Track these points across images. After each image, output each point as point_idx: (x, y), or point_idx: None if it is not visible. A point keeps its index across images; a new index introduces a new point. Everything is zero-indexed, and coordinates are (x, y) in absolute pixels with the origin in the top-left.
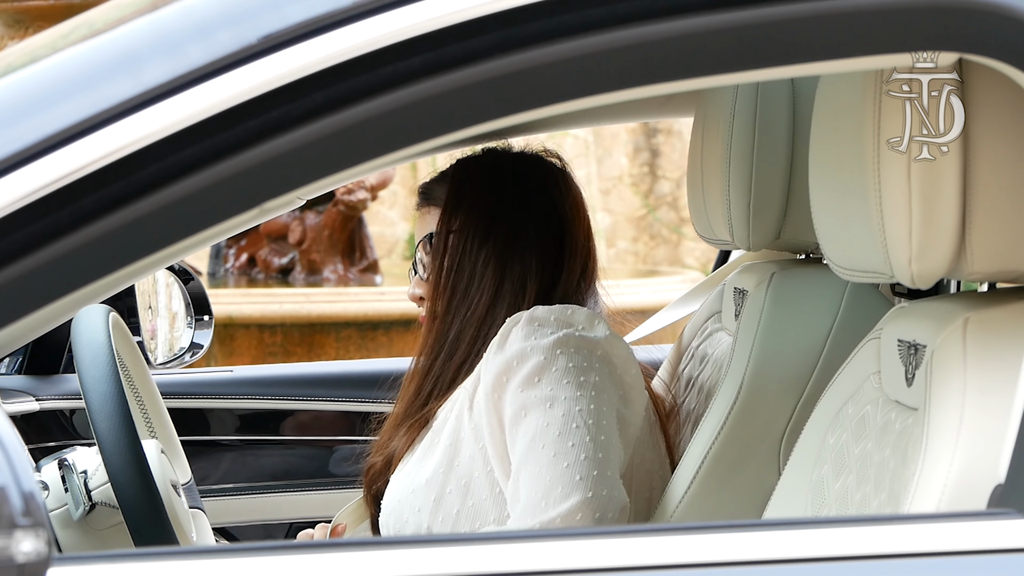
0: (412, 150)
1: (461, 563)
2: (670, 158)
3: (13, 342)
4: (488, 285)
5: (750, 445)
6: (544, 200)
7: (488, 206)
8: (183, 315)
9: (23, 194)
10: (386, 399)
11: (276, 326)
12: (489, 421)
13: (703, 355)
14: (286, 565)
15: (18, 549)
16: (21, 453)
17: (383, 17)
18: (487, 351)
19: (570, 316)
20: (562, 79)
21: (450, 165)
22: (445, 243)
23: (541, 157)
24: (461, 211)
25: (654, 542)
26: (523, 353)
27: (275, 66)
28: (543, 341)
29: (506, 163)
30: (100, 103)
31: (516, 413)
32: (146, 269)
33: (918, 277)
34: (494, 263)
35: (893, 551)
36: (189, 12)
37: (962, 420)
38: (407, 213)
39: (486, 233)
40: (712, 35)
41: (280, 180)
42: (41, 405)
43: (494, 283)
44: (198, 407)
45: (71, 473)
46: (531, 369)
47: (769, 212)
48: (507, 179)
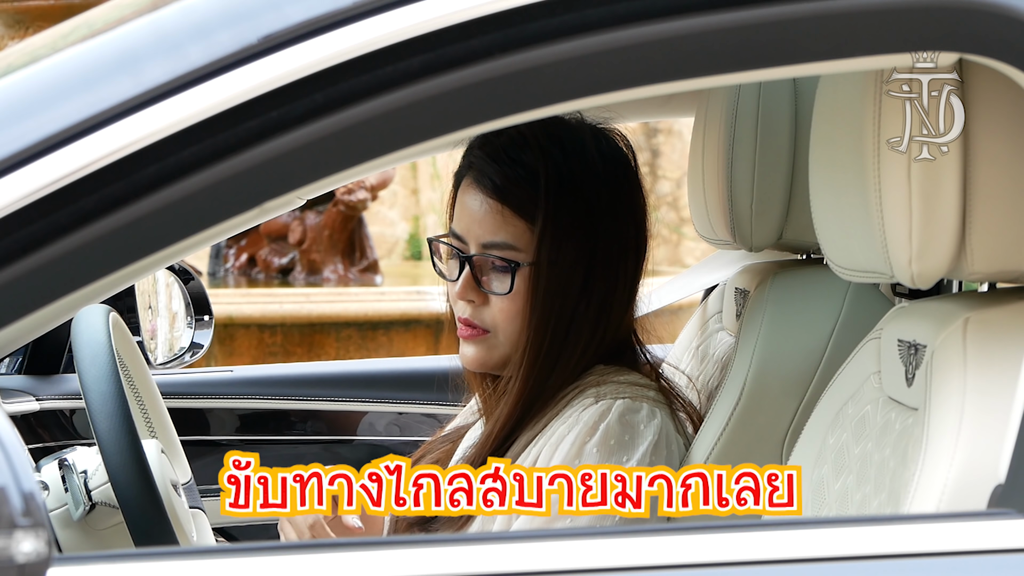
0: (412, 150)
1: (461, 563)
2: (670, 158)
3: (13, 342)
4: (588, 329)
5: (753, 446)
6: (635, 219)
7: (591, 236)
8: (183, 315)
9: (23, 194)
10: (388, 399)
11: (276, 326)
12: None
13: (704, 355)
14: (286, 565)
15: (18, 549)
16: (21, 453)
17: (383, 17)
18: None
19: (651, 422)
20: (562, 79)
21: (538, 162)
22: (541, 274)
23: (628, 158)
24: (563, 242)
25: (654, 542)
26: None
27: (275, 66)
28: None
29: (593, 155)
30: (100, 103)
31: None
32: (146, 269)
33: (918, 277)
34: (595, 306)
35: (893, 551)
36: (189, 12)
37: (962, 420)
38: (407, 213)
39: (587, 273)
40: (712, 35)
41: (280, 180)
42: (41, 405)
43: (597, 327)
44: (198, 407)
45: (71, 473)
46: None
47: (771, 212)
48: (603, 184)
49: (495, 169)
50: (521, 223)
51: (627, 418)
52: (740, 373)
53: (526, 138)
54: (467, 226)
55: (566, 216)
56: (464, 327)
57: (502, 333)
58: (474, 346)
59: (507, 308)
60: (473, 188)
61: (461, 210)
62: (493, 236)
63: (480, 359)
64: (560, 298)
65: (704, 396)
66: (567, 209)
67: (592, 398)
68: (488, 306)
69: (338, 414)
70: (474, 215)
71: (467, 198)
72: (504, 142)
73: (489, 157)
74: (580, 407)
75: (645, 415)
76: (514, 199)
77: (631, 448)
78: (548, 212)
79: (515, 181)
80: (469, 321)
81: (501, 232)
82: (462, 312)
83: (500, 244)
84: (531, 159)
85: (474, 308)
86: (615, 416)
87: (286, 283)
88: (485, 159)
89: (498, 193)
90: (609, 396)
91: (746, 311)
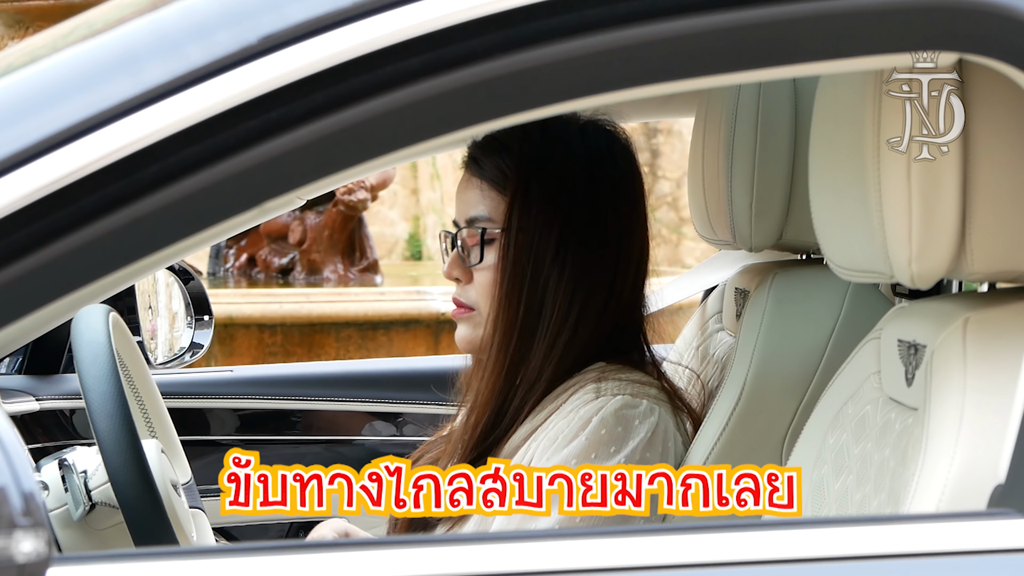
0: (412, 150)
1: (461, 563)
2: (670, 158)
3: (13, 342)
4: (563, 304)
5: (753, 446)
6: (627, 195)
7: (562, 208)
8: (183, 315)
9: (23, 194)
10: (388, 399)
11: (276, 326)
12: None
13: (704, 355)
14: (286, 565)
15: (18, 549)
16: (21, 453)
17: (383, 17)
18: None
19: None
20: (562, 79)
21: (513, 137)
22: (511, 242)
23: (615, 133)
24: (532, 209)
25: (654, 542)
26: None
27: (275, 66)
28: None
29: (576, 142)
30: (100, 103)
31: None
32: (146, 269)
33: (918, 277)
34: (569, 280)
35: (893, 551)
36: (189, 12)
37: (962, 420)
38: (407, 213)
39: (560, 245)
40: (712, 35)
41: (280, 180)
42: (41, 405)
43: (573, 304)
44: (198, 407)
45: (71, 473)
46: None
47: (771, 212)
48: (581, 168)
49: (476, 148)
50: (495, 194)
51: (623, 412)
52: (740, 373)
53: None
54: (457, 208)
55: (536, 187)
56: (455, 307)
57: (484, 308)
58: (461, 325)
59: (484, 280)
60: (464, 171)
61: (456, 196)
62: (473, 210)
63: (467, 337)
64: (530, 265)
65: (704, 396)
66: (538, 180)
67: (592, 393)
68: (472, 283)
69: (338, 414)
70: (460, 194)
71: (460, 182)
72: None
73: (476, 142)
74: (581, 402)
75: (643, 411)
76: (489, 172)
77: (622, 441)
78: (519, 180)
79: (489, 153)
80: (457, 300)
81: (480, 205)
82: (455, 293)
83: (478, 217)
84: (507, 135)
85: (461, 287)
86: (611, 409)
87: (286, 283)
88: (474, 144)
89: (476, 167)
90: (610, 392)
91: (746, 311)
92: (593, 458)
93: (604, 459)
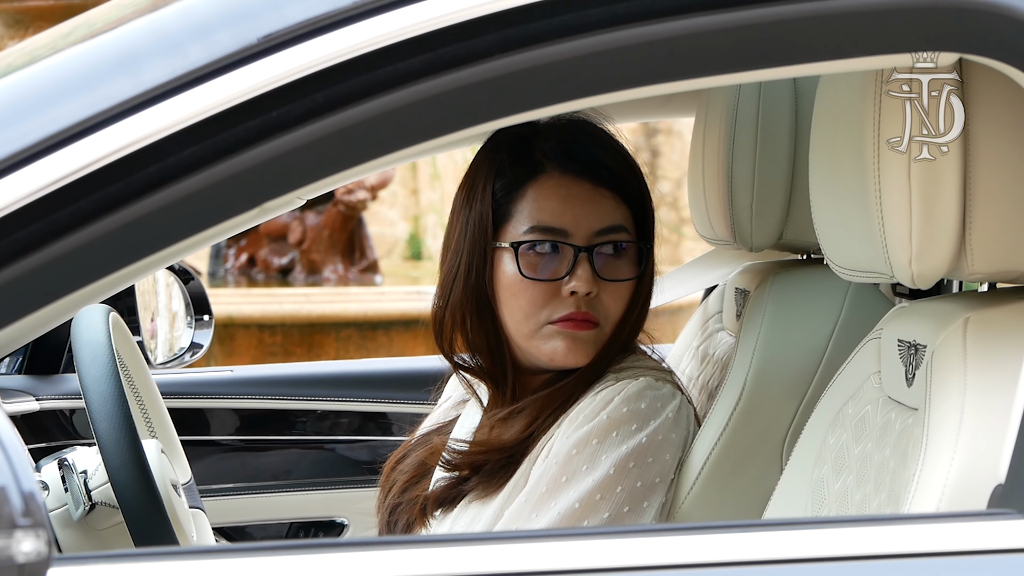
0: (412, 150)
1: (461, 563)
2: (670, 158)
3: (13, 342)
4: None
5: (753, 446)
6: None
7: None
8: (183, 315)
9: (23, 194)
10: (388, 399)
11: (276, 326)
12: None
13: (704, 355)
14: (286, 565)
15: (18, 549)
16: (21, 453)
17: (383, 17)
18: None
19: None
20: (562, 79)
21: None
22: (647, 255)
23: None
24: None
25: (654, 542)
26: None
27: (275, 66)
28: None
29: None
30: (100, 103)
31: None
32: (146, 269)
33: (918, 277)
34: None
35: (893, 551)
36: (189, 12)
37: (962, 420)
38: (407, 213)
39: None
40: (712, 35)
41: (280, 180)
42: (41, 405)
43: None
44: (198, 407)
45: (71, 473)
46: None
47: (771, 212)
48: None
49: (616, 170)
50: (624, 207)
51: (646, 392)
52: (740, 373)
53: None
54: (573, 217)
55: (648, 199)
56: (582, 321)
57: (610, 321)
58: (588, 339)
59: (622, 293)
60: (571, 178)
61: (552, 203)
62: (610, 221)
63: (589, 352)
64: (652, 279)
65: (704, 396)
66: (648, 193)
67: (612, 380)
68: (598, 297)
69: (338, 414)
70: (584, 204)
71: (562, 190)
72: (589, 133)
73: (585, 147)
74: (601, 386)
75: (666, 394)
76: (626, 188)
77: (644, 420)
78: (646, 192)
79: (625, 170)
80: (587, 315)
81: (616, 215)
82: (574, 306)
83: (616, 228)
84: (619, 144)
85: (589, 300)
86: (634, 389)
87: (286, 283)
88: (580, 149)
89: (611, 181)
90: (630, 376)
91: (746, 311)
92: (615, 436)
93: (625, 437)
